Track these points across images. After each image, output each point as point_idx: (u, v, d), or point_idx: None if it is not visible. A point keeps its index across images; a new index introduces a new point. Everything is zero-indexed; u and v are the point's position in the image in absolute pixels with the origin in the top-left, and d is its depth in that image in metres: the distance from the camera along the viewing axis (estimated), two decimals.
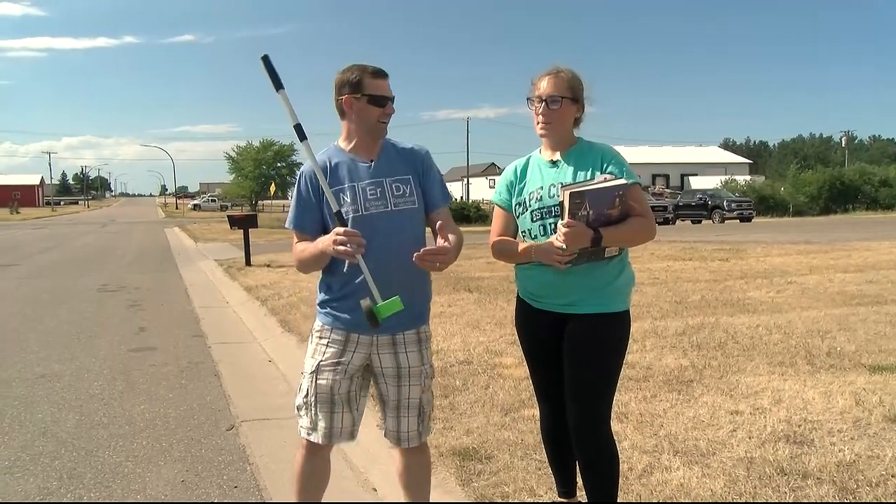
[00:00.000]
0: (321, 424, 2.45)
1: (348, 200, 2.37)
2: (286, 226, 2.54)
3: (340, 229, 2.23)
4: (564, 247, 2.29)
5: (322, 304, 2.50)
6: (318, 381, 2.44)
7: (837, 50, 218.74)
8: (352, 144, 2.46)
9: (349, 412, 2.48)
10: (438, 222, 2.34)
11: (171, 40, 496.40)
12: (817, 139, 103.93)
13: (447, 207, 2.53)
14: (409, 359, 2.46)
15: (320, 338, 2.48)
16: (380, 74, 2.40)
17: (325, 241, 2.29)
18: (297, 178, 2.49)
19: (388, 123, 2.44)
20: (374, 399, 2.61)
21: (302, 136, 2.35)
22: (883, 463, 3.18)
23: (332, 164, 2.43)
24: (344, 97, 2.40)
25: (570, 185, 2.38)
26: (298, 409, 2.51)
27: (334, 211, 2.29)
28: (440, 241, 2.27)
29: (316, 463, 2.54)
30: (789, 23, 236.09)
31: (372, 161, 2.44)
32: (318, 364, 2.44)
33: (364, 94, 2.37)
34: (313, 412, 2.46)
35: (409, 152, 2.51)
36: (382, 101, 2.39)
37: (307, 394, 2.47)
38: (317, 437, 2.47)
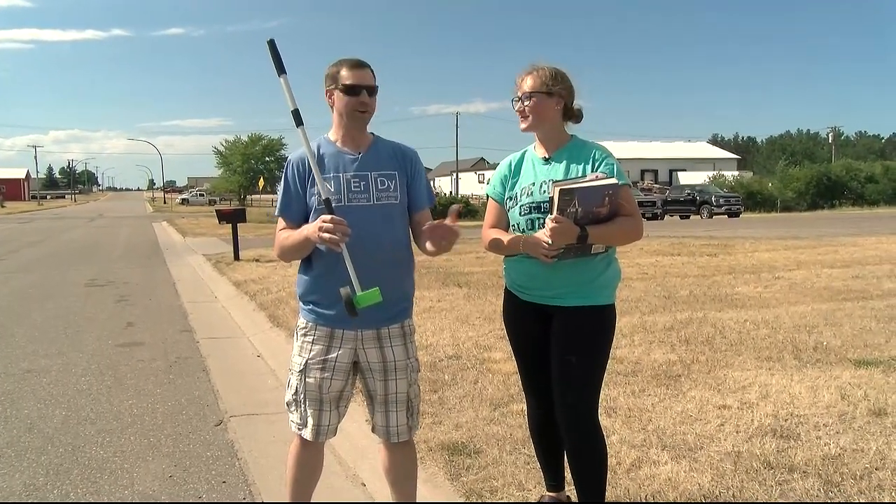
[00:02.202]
0: (310, 422, 2.48)
1: (332, 190, 2.39)
2: (275, 213, 2.56)
3: (327, 216, 2.24)
4: (550, 242, 2.32)
5: (305, 301, 2.50)
6: (307, 380, 2.45)
7: (824, 47, 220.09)
8: (339, 136, 2.48)
9: (335, 410, 2.50)
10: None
11: (161, 33, 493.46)
12: (804, 135, 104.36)
13: (429, 209, 2.57)
14: (395, 353, 2.47)
15: (305, 335, 2.49)
16: (357, 65, 2.41)
17: (310, 228, 2.31)
18: (285, 166, 2.51)
19: (367, 113, 2.44)
20: (361, 395, 2.61)
21: (298, 122, 2.38)
22: (867, 456, 3.22)
23: (320, 153, 2.45)
24: (327, 90, 2.44)
25: (561, 181, 2.40)
26: (288, 405, 2.53)
27: (323, 198, 2.31)
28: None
29: (310, 453, 2.56)
30: (777, 20, 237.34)
31: (360, 153, 2.45)
32: (306, 362, 2.46)
33: (341, 85, 2.40)
34: (303, 409, 2.48)
35: (398, 150, 2.53)
36: (355, 91, 2.39)
37: (296, 391, 2.49)
38: (306, 434, 2.49)
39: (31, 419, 4.35)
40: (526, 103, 2.52)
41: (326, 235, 2.22)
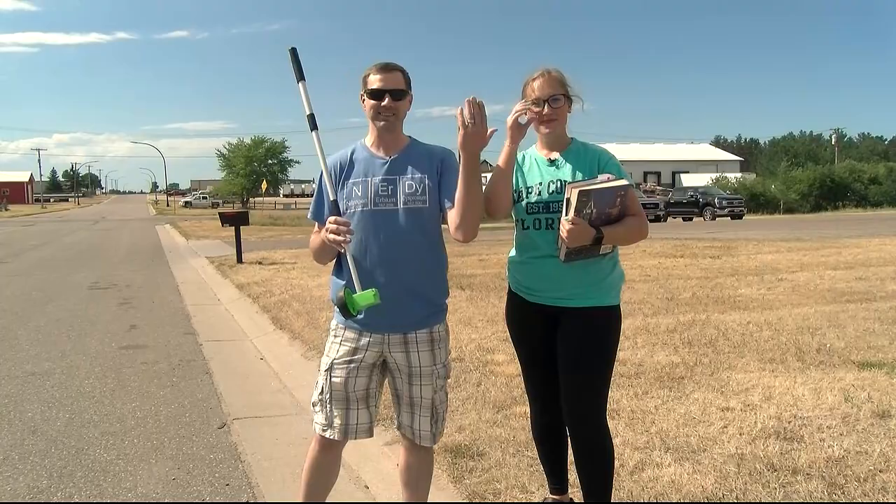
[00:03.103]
0: (337, 421, 2.47)
1: (359, 194, 2.41)
2: (308, 216, 2.62)
3: (332, 217, 2.30)
4: (568, 245, 2.36)
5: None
6: (333, 379, 2.46)
7: (828, 48, 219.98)
8: (373, 140, 2.50)
9: (366, 409, 2.49)
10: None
11: (165, 36, 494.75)
12: (807, 137, 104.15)
13: None
14: (421, 358, 2.46)
15: (335, 336, 2.51)
16: (383, 69, 2.40)
17: (324, 231, 2.36)
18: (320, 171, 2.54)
19: (395, 116, 2.42)
20: (387, 394, 2.61)
21: (313, 126, 2.42)
22: (871, 458, 3.21)
23: (353, 158, 2.48)
24: (360, 94, 2.46)
25: (577, 182, 2.42)
26: (314, 405, 2.53)
27: (331, 199, 2.35)
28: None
29: (327, 457, 2.55)
30: (780, 22, 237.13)
31: (390, 157, 2.45)
32: (332, 362, 2.47)
33: (367, 89, 2.41)
34: (328, 409, 2.47)
35: (429, 152, 2.50)
36: (378, 95, 2.39)
37: (322, 391, 2.49)
38: (333, 434, 2.48)
39: (34, 422, 4.36)
40: (554, 106, 2.51)
41: (331, 236, 2.27)
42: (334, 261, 2.53)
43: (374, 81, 2.39)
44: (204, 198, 75.39)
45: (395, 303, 2.34)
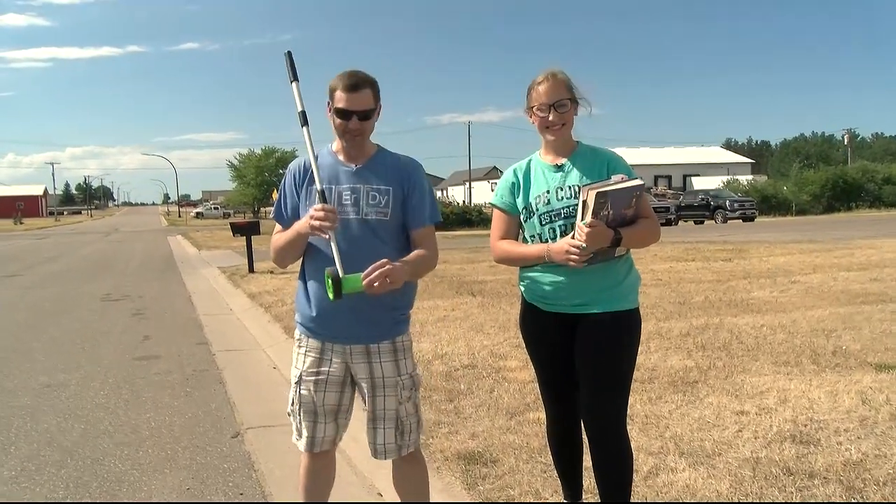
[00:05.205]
0: (304, 433, 2.49)
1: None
2: (272, 216, 2.57)
3: (319, 205, 2.24)
4: (584, 246, 2.30)
5: (299, 314, 2.54)
6: (301, 391, 2.47)
7: (839, 48, 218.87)
8: (339, 148, 2.45)
9: (333, 422, 2.49)
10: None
11: (176, 48, 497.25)
12: (819, 138, 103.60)
13: (430, 227, 2.47)
14: (384, 369, 2.41)
15: (299, 346, 2.52)
16: (352, 87, 2.29)
17: (301, 222, 2.32)
18: (286, 172, 2.51)
19: (362, 136, 2.37)
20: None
21: (304, 122, 2.39)
22: (890, 462, 3.17)
23: (318, 163, 2.39)
24: (327, 102, 2.39)
25: (592, 184, 2.36)
26: (288, 415, 2.56)
27: (318, 189, 2.29)
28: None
29: (319, 464, 2.55)
30: (790, 23, 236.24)
31: (356, 166, 2.41)
32: (301, 374, 2.48)
33: (333, 106, 2.33)
34: (298, 420, 2.50)
35: (398, 163, 2.45)
36: (345, 115, 2.31)
37: (293, 402, 2.51)
38: (301, 445, 2.51)
39: (50, 433, 4.39)
40: (561, 111, 2.47)
41: (316, 223, 2.21)
42: (301, 267, 2.49)
43: (342, 100, 2.29)
44: (215, 208, 75.91)
45: (357, 313, 2.31)
